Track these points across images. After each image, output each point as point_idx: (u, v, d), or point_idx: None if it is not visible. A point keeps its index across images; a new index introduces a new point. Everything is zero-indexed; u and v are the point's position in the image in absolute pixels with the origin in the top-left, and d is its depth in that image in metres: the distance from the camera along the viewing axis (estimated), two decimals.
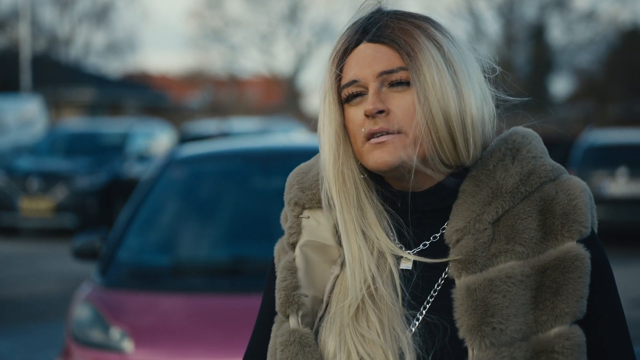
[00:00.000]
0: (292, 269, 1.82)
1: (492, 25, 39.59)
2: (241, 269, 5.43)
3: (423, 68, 1.75)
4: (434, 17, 1.84)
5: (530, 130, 1.85)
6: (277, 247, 1.90)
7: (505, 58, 34.60)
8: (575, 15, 36.88)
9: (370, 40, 1.79)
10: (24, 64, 32.71)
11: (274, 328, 1.84)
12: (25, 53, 33.12)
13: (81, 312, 5.16)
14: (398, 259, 1.81)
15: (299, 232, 1.84)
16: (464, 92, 1.78)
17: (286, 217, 1.89)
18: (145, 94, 40.74)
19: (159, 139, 20.10)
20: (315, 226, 1.84)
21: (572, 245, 1.73)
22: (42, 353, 8.62)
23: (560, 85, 43.59)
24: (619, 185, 15.33)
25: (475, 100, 1.78)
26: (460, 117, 1.76)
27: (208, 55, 45.61)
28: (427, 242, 1.80)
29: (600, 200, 15.18)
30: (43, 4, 44.33)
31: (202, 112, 41.98)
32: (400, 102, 1.75)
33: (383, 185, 1.83)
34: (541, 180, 1.78)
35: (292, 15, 45.29)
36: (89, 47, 46.23)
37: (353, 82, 1.78)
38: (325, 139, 1.80)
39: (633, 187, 15.37)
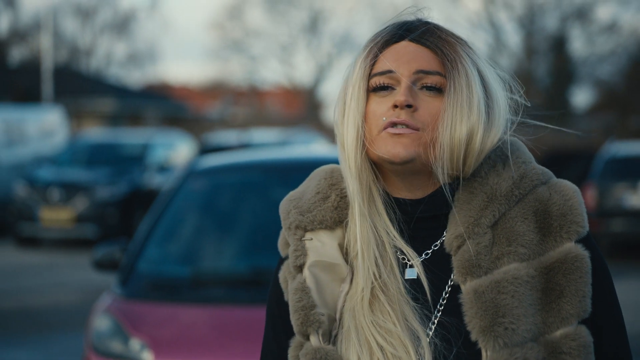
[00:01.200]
0: (306, 289, 1.82)
1: (513, 37, 39.45)
2: (261, 280, 5.41)
3: (462, 80, 1.77)
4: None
5: (515, 138, 1.89)
6: (282, 274, 1.90)
7: (526, 69, 34.51)
8: (597, 26, 36.72)
9: (414, 40, 1.82)
10: (46, 74, 32.88)
11: (291, 352, 1.83)
12: (47, 64, 33.30)
13: (101, 322, 5.17)
14: (402, 267, 1.82)
15: (305, 254, 1.84)
16: (494, 117, 1.81)
17: (286, 243, 1.90)
18: (166, 105, 40.88)
19: (179, 150, 20.14)
20: (320, 246, 1.84)
21: (571, 246, 1.77)
22: None
23: (581, 97, 43.39)
24: None
25: (500, 125, 1.82)
26: (482, 139, 1.78)
27: (228, 66, 45.73)
28: (428, 252, 1.82)
29: (622, 212, 15.11)
30: (65, 14, 44.62)
31: (222, 123, 42.05)
32: (429, 105, 1.77)
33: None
34: (533, 183, 1.82)
35: (313, 26, 45.37)
36: (110, 57, 46.46)
37: (388, 71, 1.80)
38: (351, 126, 1.81)
39: None
